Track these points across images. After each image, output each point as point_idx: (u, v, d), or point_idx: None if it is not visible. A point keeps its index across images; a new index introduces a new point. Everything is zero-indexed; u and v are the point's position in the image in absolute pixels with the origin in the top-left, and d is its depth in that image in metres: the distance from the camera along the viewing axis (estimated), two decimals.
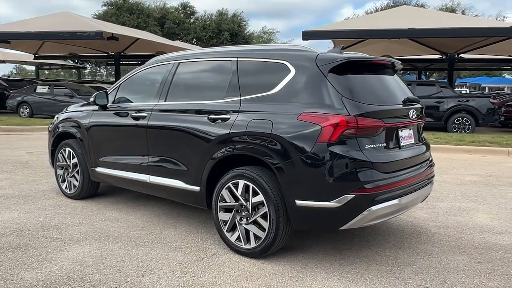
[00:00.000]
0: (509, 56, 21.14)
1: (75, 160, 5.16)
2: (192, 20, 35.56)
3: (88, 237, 3.99)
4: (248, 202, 3.50)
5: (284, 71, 3.50)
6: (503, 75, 47.90)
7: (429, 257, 3.65)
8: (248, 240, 3.54)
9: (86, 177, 5.09)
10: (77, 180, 5.20)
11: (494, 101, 13.44)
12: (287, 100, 3.40)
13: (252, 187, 3.45)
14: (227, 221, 3.66)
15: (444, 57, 17.81)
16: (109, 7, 33.13)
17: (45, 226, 4.26)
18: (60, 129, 5.39)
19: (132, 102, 4.76)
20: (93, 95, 4.84)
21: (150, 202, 5.16)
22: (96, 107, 4.95)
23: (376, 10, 33.47)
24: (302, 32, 12.50)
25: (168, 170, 4.12)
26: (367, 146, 3.24)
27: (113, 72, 61.41)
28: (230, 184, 3.60)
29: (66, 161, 5.28)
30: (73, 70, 47.75)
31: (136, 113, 4.42)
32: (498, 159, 9.23)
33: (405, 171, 3.48)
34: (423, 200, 4.09)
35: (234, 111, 3.63)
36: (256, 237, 3.48)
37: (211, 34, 33.09)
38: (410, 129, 3.72)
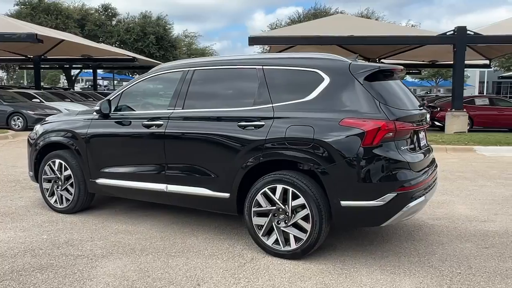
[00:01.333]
0: (423, 61, 23.25)
1: (68, 172, 4.87)
2: (114, 23, 34.21)
3: (112, 252, 3.83)
4: (286, 206, 3.62)
5: (317, 79, 3.67)
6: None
7: (443, 246, 4.04)
8: (287, 242, 3.66)
9: (82, 190, 4.83)
10: (70, 193, 4.91)
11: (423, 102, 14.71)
12: (324, 107, 3.58)
13: (292, 191, 3.57)
14: (263, 225, 3.74)
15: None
16: (22, 6, 30.76)
17: (56, 244, 4.00)
18: (47, 140, 5.05)
19: (136, 110, 4.63)
20: (98, 103, 4.62)
21: (151, 212, 5.03)
22: (93, 116, 4.73)
23: (299, 17, 34.81)
24: (249, 37, 12.73)
25: (191, 178, 4.09)
26: (402, 148, 3.53)
27: (15, 77, 57.01)
28: (266, 189, 3.69)
29: (56, 174, 4.95)
30: None
31: (148, 121, 4.31)
32: (438, 156, 10.17)
33: (425, 170, 3.82)
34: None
35: (267, 118, 3.73)
36: (297, 239, 3.61)
37: (135, 37, 32.10)
38: (423, 132, 4.09)
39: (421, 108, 4.02)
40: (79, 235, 4.25)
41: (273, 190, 3.67)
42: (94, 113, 4.75)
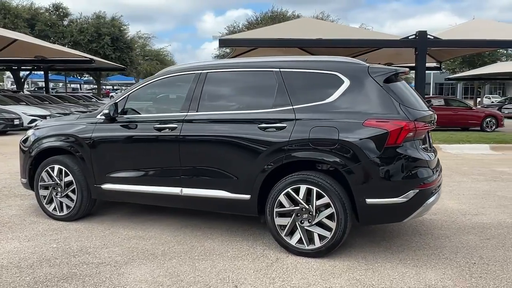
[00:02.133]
0: (379, 63, 24.13)
1: (69, 178, 4.69)
2: (66, 23, 32.94)
3: (133, 258, 3.75)
4: (310, 205, 3.70)
5: (337, 82, 3.79)
6: None
7: (449, 239, 4.27)
8: (311, 241, 3.74)
9: (85, 196, 4.67)
10: (72, 200, 4.73)
11: None
12: (345, 108, 3.70)
13: (317, 190, 3.66)
14: (286, 225, 3.80)
15: None
16: None
17: (70, 252, 3.86)
18: (44, 146, 4.84)
19: (144, 114, 4.55)
20: (107, 106, 4.48)
21: (154, 216, 4.94)
22: (97, 120, 4.60)
23: (256, 19, 35.09)
24: (219, 40, 12.74)
25: (209, 181, 4.08)
26: (420, 147, 3.72)
27: None
28: (289, 189, 3.76)
29: (55, 180, 4.76)
30: None
31: (160, 124, 4.25)
32: None
33: (436, 168, 4.03)
34: None
35: (289, 120, 3.80)
36: (321, 237, 3.70)
37: (90, 38, 31.08)
38: (430, 132, 4.30)
39: (429, 109, 4.24)
40: (91, 243, 4.12)
41: (297, 191, 3.74)
42: (99, 117, 4.61)
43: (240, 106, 4.11)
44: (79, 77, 57.72)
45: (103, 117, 4.56)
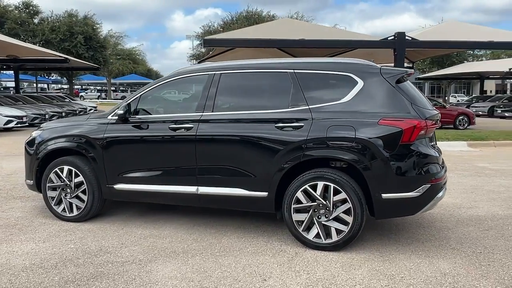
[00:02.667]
0: None
1: (80, 178, 4.69)
2: (37, 21, 32.07)
3: (156, 256, 3.81)
4: (327, 201, 3.87)
5: (351, 82, 3.96)
6: None
7: (452, 231, 4.52)
8: (328, 235, 3.90)
9: (96, 196, 4.68)
10: (82, 201, 4.73)
11: None
12: (360, 108, 3.88)
13: (334, 186, 3.82)
14: (303, 221, 3.95)
15: None
16: None
17: (90, 252, 3.89)
18: (52, 147, 4.82)
19: (156, 114, 4.61)
20: (121, 107, 4.50)
21: (163, 215, 4.99)
22: (108, 120, 4.62)
23: (232, 19, 35.15)
24: (204, 39, 12.84)
25: (226, 180, 4.18)
26: (430, 144, 3.94)
27: None
28: (307, 186, 3.91)
29: (65, 181, 4.75)
30: None
31: (175, 124, 4.32)
32: None
33: (442, 165, 4.26)
34: None
35: (305, 119, 3.94)
36: (339, 231, 3.86)
37: (62, 37, 30.38)
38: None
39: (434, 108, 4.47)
40: (108, 242, 4.15)
41: (314, 187, 3.89)
42: (110, 117, 4.64)
43: (255, 106, 4.22)
44: (46, 77, 56.27)
45: (115, 117, 4.59)
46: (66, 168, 4.75)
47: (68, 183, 4.76)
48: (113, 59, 40.94)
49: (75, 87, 60.02)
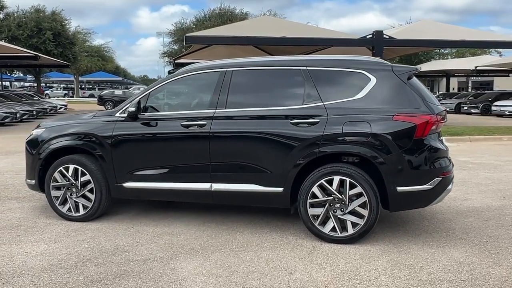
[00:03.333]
0: None
1: (87, 177, 4.61)
2: (2, 16, 30.87)
3: (176, 253, 3.81)
4: (343, 195, 3.96)
5: (364, 79, 4.06)
6: None
7: (454, 222, 4.71)
8: (344, 228, 4.00)
9: (104, 195, 4.61)
10: (89, 200, 4.65)
11: None
12: (374, 104, 3.98)
13: (350, 181, 3.92)
14: (319, 215, 4.03)
15: None
16: None
17: (107, 251, 3.84)
18: (56, 145, 4.70)
19: (166, 111, 4.58)
20: (132, 104, 4.44)
21: (170, 213, 4.97)
22: (116, 118, 4.55)
23: (205, 16, 34.95)
24: (185, 36, 12.72)
25: (240, 176, 4.21)
26: (438, 139, 4.10)
27: None
28: (322, 181, 3.99)
29: (70, 180, 4.65)
30: None
31: (188, 121, 4.31)
32: None
33: (450, 159, 4.43)
34: None
35: (320, 115, 4.02)
36: (354, 225, 3.96)
37: (29, 33, 29.37)
38: None
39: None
40: (122, 241, 4.11)
41: (330, 182, 3.98)
42: (118, 115, 4.57)
43: (268, 103, 4.26)
44: (9, 74, 54.20)
45: (123, 114, 4.53)
46: (72, 166, 4.65)
47: (74, 182, 4.66)
48: (82, 56, 39.88)
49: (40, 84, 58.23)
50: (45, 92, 48.24)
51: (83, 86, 60.36)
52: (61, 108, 26.57)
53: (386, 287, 3.18)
